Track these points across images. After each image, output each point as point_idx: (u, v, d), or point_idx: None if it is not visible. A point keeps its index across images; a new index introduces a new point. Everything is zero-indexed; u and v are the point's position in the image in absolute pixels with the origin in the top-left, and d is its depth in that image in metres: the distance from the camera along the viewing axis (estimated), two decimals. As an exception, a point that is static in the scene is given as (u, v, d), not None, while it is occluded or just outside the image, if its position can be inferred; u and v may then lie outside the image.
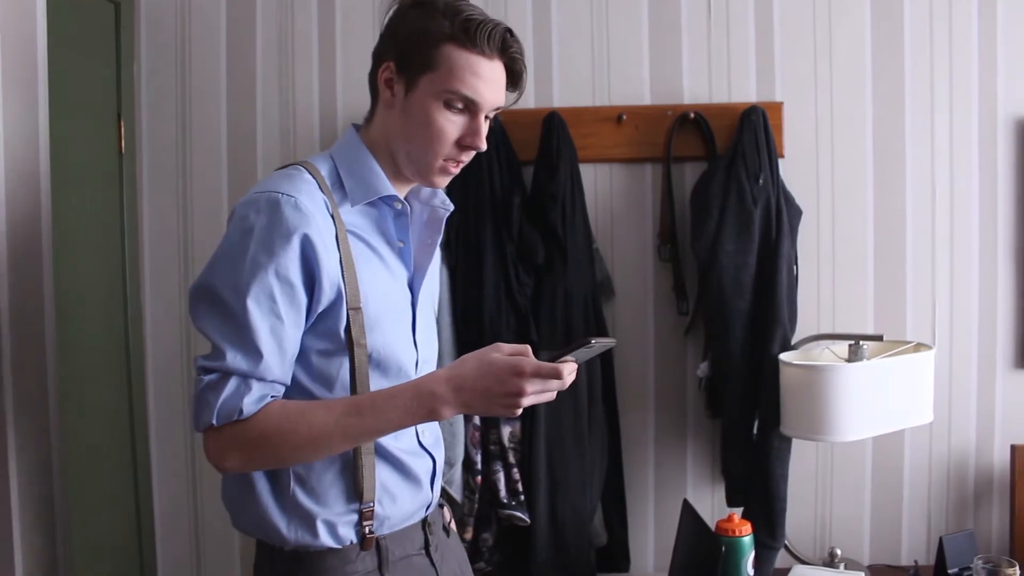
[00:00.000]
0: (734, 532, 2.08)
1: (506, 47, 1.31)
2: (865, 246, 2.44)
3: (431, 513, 1.47)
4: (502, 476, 2.26)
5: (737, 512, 2.18)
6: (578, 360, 1.22)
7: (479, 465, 2.26)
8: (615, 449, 2.41)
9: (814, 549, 2.49)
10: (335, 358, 1.31)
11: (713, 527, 2.10)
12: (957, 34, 2.39)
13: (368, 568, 1.34)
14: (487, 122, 1.34)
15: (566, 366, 1.18)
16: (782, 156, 2.38)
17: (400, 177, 1.39)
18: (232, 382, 1.23)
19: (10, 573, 1.68)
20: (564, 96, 2.46)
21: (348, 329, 1.29)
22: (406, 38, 1.31)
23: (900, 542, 2.49)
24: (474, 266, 2.28)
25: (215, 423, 1.23)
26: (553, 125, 2.35)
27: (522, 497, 2.26)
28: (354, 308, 1.29)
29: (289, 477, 1.31)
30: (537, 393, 1.19)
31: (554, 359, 1.19)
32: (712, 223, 2.29)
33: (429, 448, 1.43)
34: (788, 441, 2.26)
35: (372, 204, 1.36)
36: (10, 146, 1.71)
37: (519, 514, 2.24)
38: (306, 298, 1.27)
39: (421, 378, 1.26)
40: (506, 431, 2.27)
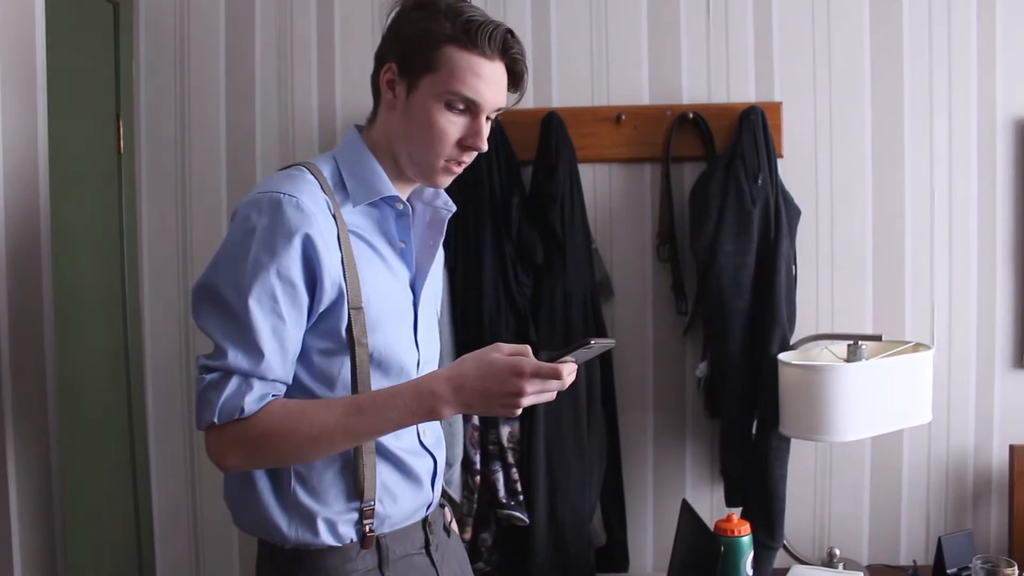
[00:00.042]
0: (733, 532, 2.08)
1: (507, 48, 1.32)
2: (864, 246, 2.44)
3: (432, 513, 1.47)
4: (501, 476, 2.26)
5: (736, 512, 2.18)
6: (578, 361, 1.22)
7: (478, 465, 2.26)
8: (614, 449, 2.41)
9: (813, 549, 2.49)
10: (336, 357, 1.31)
11: (712, 527, 2.10)
12: (956, 35, 2.40)
13: (368, 566, 1.35)
14: (489, 123, 1.35)
15: (566, 366, 1.18)
16: (781, 156, 2.38)
17: (402, 178, 1.39)
18: (234, 381, 1.24)
19: (9, 573, 1.68)
20: (563, 96, 2.46)
21: (349, 329, 1.29)
22: (408, 40, 1.32)
23: (899, 542, 2.49)
24: (473, 266, 2.28)
25: (217, 421, 1.24)
26: (552, 125, 2.35)
27: (521, 497, 2.26)
28: (355, 308, 1.29)
29: (290, 476, 1.31)
30: (537, 393, 1.19)
31: (553, 359, 1.19)
32: (711, 223, 2.29)
33: (430, 448, 1.44)
34: (787, 441, 2.26)
35: (374, 205, 1.36)
36: (9, 146, 1.71)
37: (518, 514, 2.24)
38: (308, 298, 1.27)
39: (422, 377, 1.27)
40: (505, 431, 2.27)
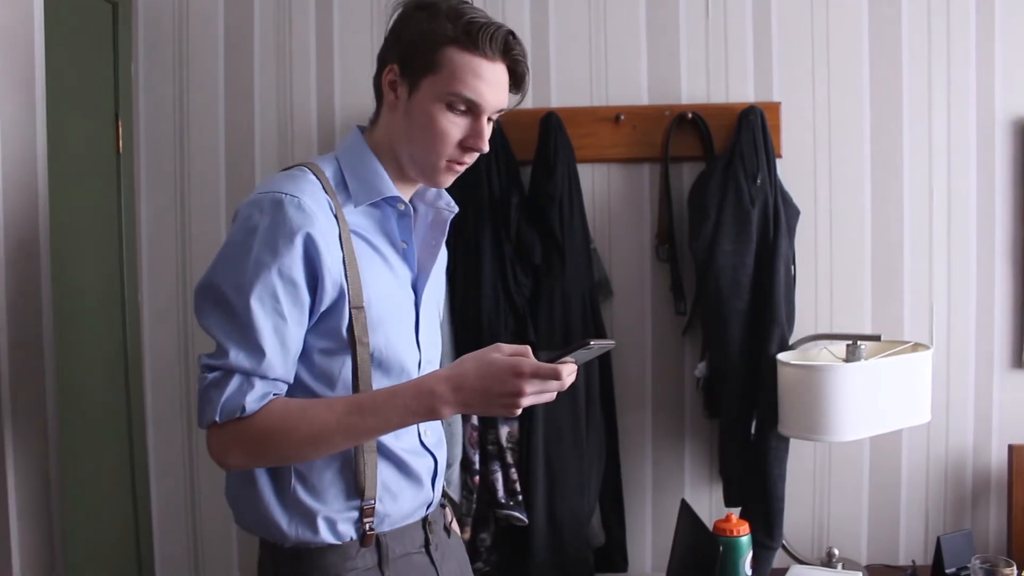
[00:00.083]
0: (732, 532, 2.08)
1: (508, 49, 1.32)
2: (863, 246, 2.44)
3: (432, 512, 1.47)
4: (500, 476, 2.26)
5: (735, 512, 2.18)
6: (577, 361, 1.22)
7: (477, 465, 2.26)
8: (613, 449, 2.41)
9: (812, 549, 2.49)
10: (337, 357, 1.32)
11: (711, 527, 2.10)
12: (955, 34, 2.40)
13: (368, 564, 1.35)
14: (490, 124, 1.35)
15: (565, 367, 1.19)
16: (780, 156, 2.38)
17: (404, 178, 1.40)
18: (235, 380, 1.24)
19: (7, 573, 1.68)
20: (562, 96, 2.46)
21: (351, 328, 1.30)
22: (409, 41, 1.32)
23: (898, 542, 2.49)
24: (472, 267, 2.28)
25: (218, 420, 1.24)
26: (551, 125, 2.35)
27: (520, 497, 2.26)
28: (357, 307, 1.30)
29: (290, 475, 1.32)
30: (536, 394, 1.19)
31: (553, 360, 1.19)
32: (710, 223, 2.29)
33: (431, 448, 1.44)
34: (786, 441, 2.26)
35: (375, 205, 1.37)
36: (7, 146, 1.71)
37: (517, 514, 2.24)
38: (309, 297, 1.28)
39: (422, 377, 1.28)
40: (504, 431, 2.27)
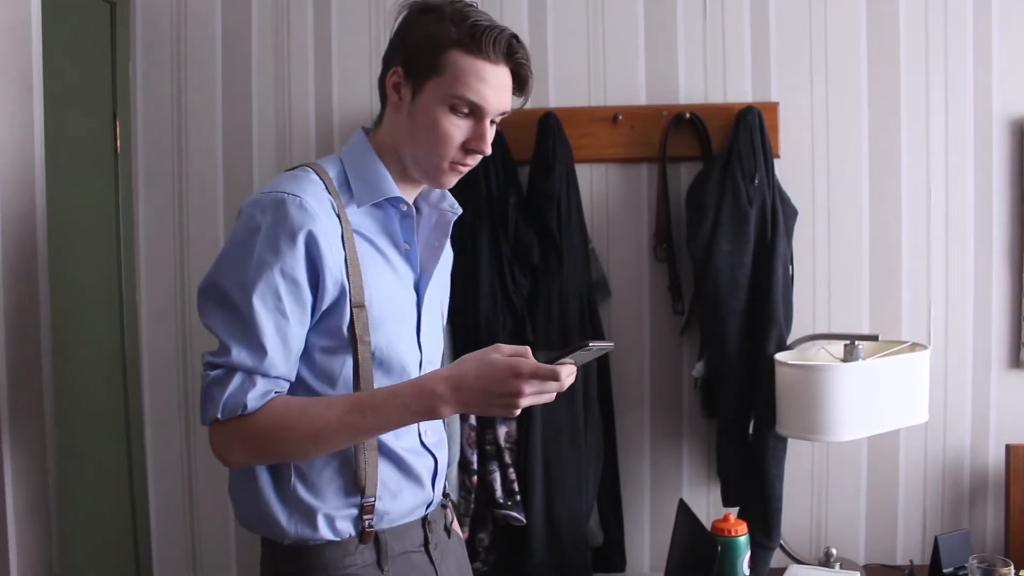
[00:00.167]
0: (730, 532, 2.08)
1: (512, 52, 1.33)
2: (861, 246, 2.44)
3: (432, 512, 1.48)
4: (498, 476, 2.26)
5: (733, 512, 2.18)
6: (576, 363, 1.23)
7: (475, 465, 2.26)
8: (611, 449, 2.41)
9: (810, 549, 2.49)
10: (338, 355, 1.32)
11: (709, 527, 2.10)
12: (952, 34, 2.40)
13: (367, 561, 1.36)
14: (493, 127, 1.36)
15: (564, 368, 1.19)
16: (777, 156, 2.38)
17: (408, 179, 1.41)
18: (237, 378, 1.26)
19: (6, 572, 1.68)
20: (560, 96, 2.46)
21: (351, 327, 1.31)
22: (414, 43, 1.33)
23: (895, 542, 2.49)
24: (470, 266, 2.28)
25: (220, 417, 1.26)
26: (549, 125, 2.35)
27: (518, 497, 2.26)
28: (358, 306, 1.31)
29: (290, 472, 1.33)
30: (535, 394, 1.20)
31: (552, 361, 1.20)
32: (708, 223, 2.29)
33: (431, 447, 1.45)
34: (784, 441, 2.26)
35: (378, 206, 1.38)
36: (5, 146, 1.71)
37: (515, 514, 2.24)
38: (311, 296, 1.29)
39: (422, 377, 1.29)
40: (502, 431, 2.27)
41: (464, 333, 2.27)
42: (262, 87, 2.49)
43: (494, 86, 1.32)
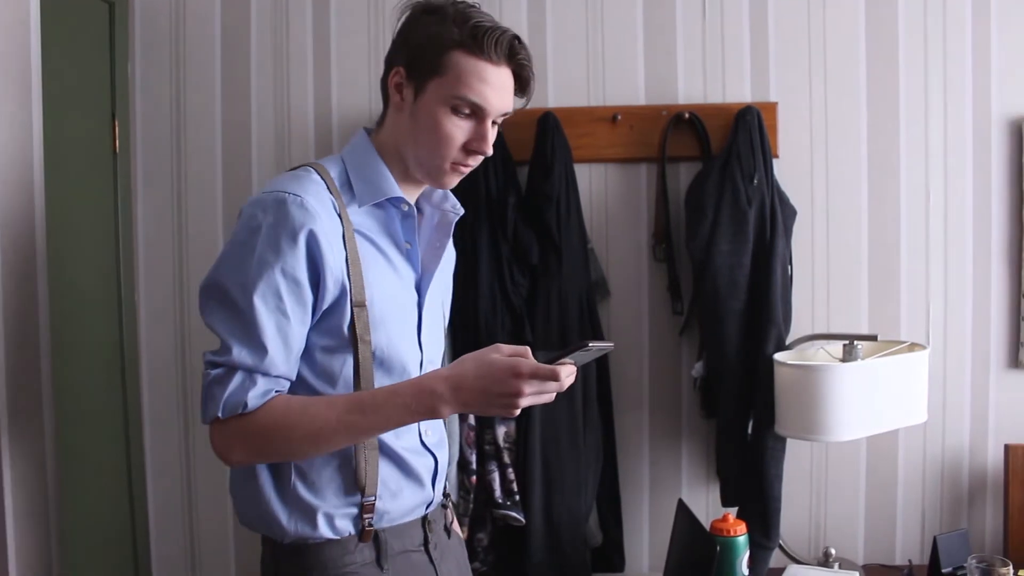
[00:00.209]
0: (729, 532, 2.08)
1: (513, 54, 1.33)
2: (859, 246, 2.45)
3: (432, 511, 1.48)
4: (497, 476, 2.26)
5: (732, 512, 2.18)
6: (576, 363, 1.23)
7: (474, 465, 2.26)
8: (610, 449, 2.41)
9: (809, 549, 2.49)
10: (339, 355, 1.33)
11: (708, 527, 2.10)
12: (951, 35, 2.40)
13: (366, 560, 1.36)
14: (494, 128, 1.37)
15: (564, 368, 1.19)
16: (776, 156, 2.38)
17: (410, 179, 1.41)
18: (238, 376, 1.26)
19: (5, 572, 1.68)
20: (559, 96, 2.46)
21: (352, 326, 1.31)
22: (416, 44, 1.33)
23: (894, 542, 2.49)
24: (469, 266, 2.28)
25: (221, 416, 1.26)
26: (548, 125, 2.35)
27: (517, 497, 2.26)
28: (359, 305, 1.31)
29: (290, 471, 1.33)
30: (535, 395, 1.20)
31: (552, 361, 1.20)
32: (707, 223, 2.29)
33: (432, 447, 1.45)
34: (783, 441, 2.26)
35: (379, 206, 1.38)
36: (4, 146, 1.71)
37: (514, 514, 2.24)
38: (312, 295, 1.29)
39: (422, 376, 1.30)
40: (501, 431, 2.27)
41: (463, 333, 2.27)
42: (261, 87, 2.49)
43: (496, 87, 1.32)
